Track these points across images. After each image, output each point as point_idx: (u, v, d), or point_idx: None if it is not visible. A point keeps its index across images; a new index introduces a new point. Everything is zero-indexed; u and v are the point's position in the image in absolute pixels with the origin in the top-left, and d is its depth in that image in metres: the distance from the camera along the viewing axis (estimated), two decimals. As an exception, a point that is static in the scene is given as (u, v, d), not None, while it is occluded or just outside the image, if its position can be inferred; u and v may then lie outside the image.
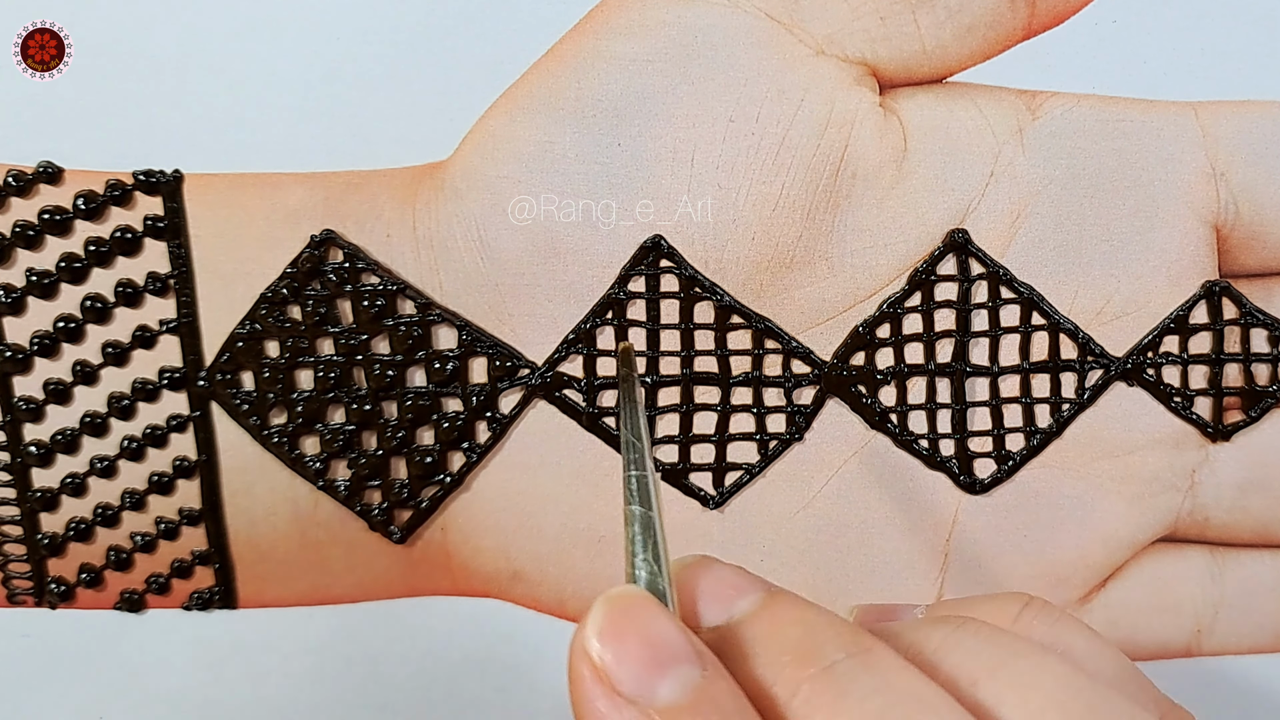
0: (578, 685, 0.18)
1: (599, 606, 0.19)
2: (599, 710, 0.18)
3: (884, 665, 0.19)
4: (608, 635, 0.18)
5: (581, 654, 0.18)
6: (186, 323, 0.28)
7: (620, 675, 0.18)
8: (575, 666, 0.18)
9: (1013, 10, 0.28)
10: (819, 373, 0.29)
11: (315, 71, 0.28)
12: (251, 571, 0.30)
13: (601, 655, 0.18)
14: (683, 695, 0.18)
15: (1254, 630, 0.31)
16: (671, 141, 0.28)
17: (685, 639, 0.19)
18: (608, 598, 0.19)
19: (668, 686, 0.18)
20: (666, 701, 0.18)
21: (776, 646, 0.19)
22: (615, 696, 0.18)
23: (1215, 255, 0.29)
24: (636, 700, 0.18)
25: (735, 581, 0.21)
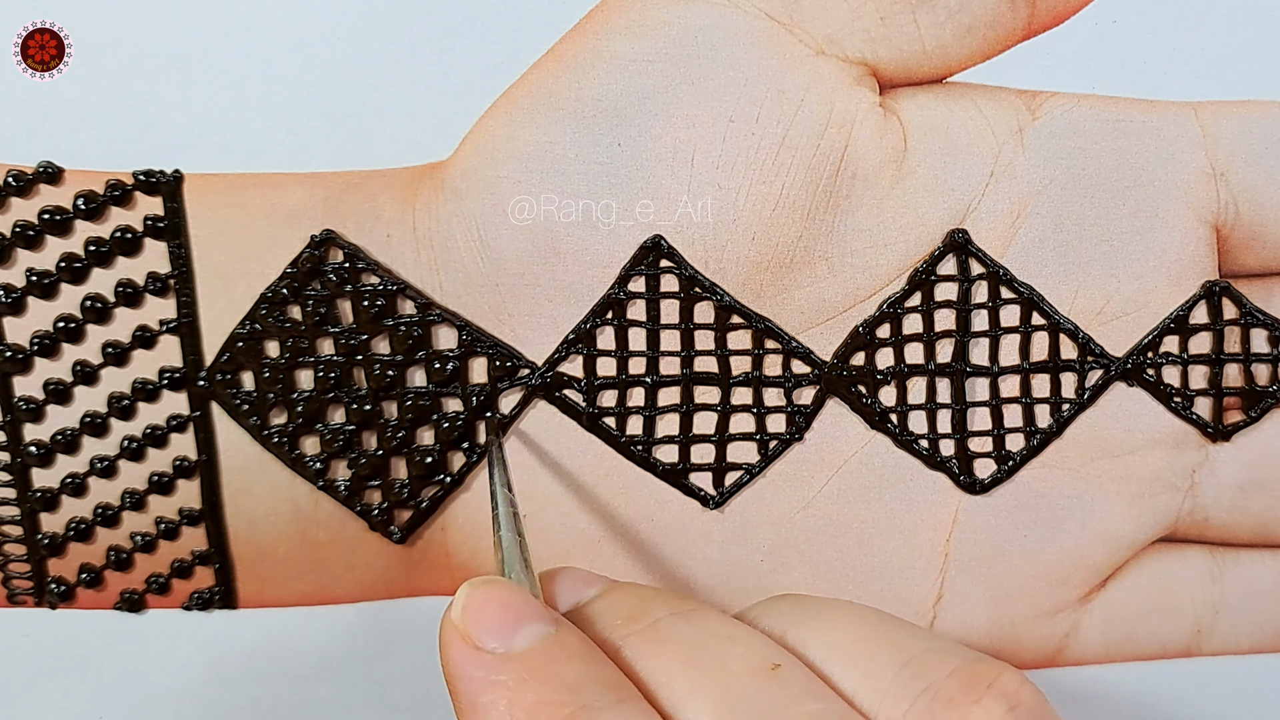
0: (445, 652, 0.21)
1: (462, 589, 0.22)
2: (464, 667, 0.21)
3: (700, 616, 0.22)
4: (469, 607, 0.21)
5: (449, 626, 0.21)
6: (186, 323, 0.28)
7: (480, 634, 0.21)
8: (444, 636, 0.21)
9: (1013, 10, 0.28)
10: (819, 373, 0.29)
11: (315, 71, 0.28)
12: (251, 571, 0.30)
13: (465, 622, 0.21)
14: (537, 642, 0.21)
15: (1254, 630, 0.31)
16: (671, 141, 0.28)
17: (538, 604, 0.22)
18: (470, 581, 0.22)
19: (523, 637, 0.21)
20: (522, 648, 0.21)
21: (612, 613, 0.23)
22: (477, 652, 0.21)
23: (1215, 255, 0.29)
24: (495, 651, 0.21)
25: (586, 578, 0.24)
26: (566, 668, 0.20)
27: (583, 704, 0.20)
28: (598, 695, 0.20)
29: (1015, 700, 0.20)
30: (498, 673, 0.20)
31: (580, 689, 0.20)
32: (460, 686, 0.21)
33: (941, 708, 0.20)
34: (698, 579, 0.30)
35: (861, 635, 0.22)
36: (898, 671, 0.21)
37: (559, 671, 0.20)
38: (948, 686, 0.20)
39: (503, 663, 0.20)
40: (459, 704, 0.21)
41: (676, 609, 0.22)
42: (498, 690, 0.20)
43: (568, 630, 0.21)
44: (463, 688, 0.21)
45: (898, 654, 0.21)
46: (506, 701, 0.20)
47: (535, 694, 0.20)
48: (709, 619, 0.22)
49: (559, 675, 0.20)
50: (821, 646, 0.22)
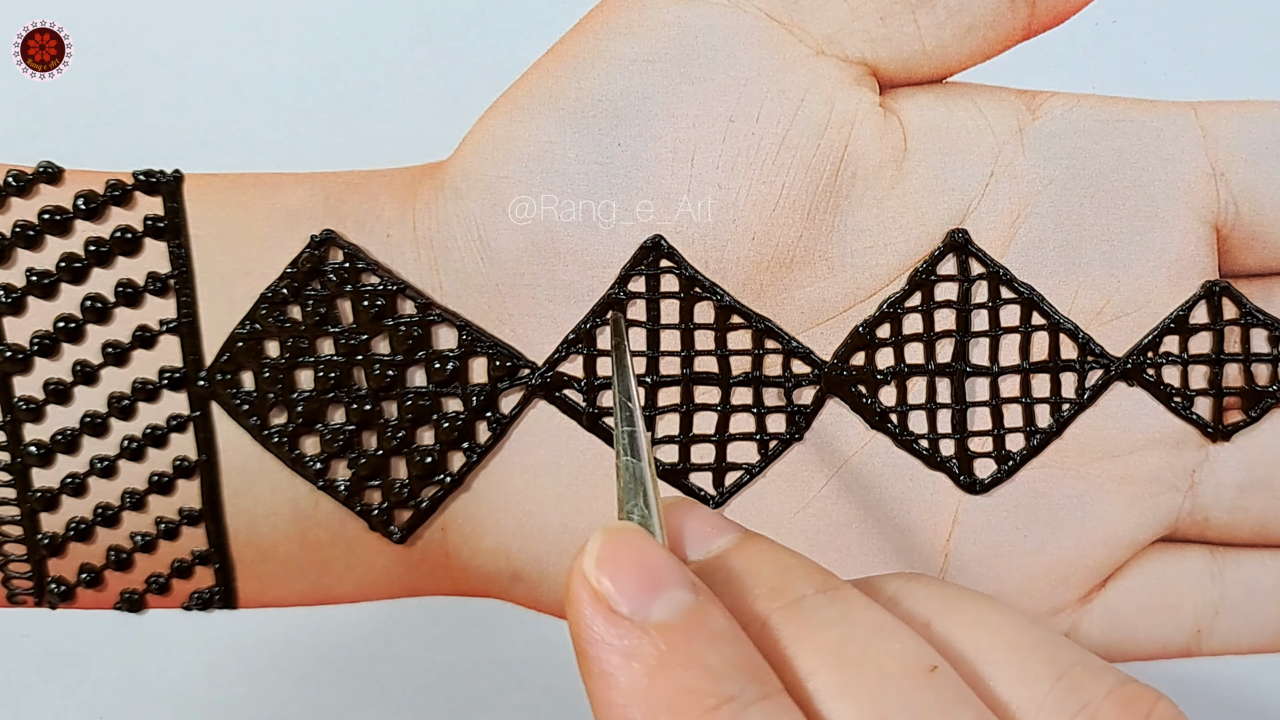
0: (576, 608, 0.19)
1: (596, 537, 0.20)
2: (596, 631, 0.19)
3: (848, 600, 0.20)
4: (605, 561, 0.19)
5: (580, 579, 0.19)
6: (186, 323, 0.28)
7: (617, 597, 0.19)
8: (574, 591, 0.19)
9: (1013, 10, 0.28)
10: (819, 373, 0.29)
11: (315, 71, 0.28)
12: (251, 571, 0.30)
13: (599, 579, 0.19)
14: (676, 615, 0.19)
15: (1254, 630, 0.31)
16: (671, 141, 0.28)
17: (678, 566, 0.20)
18: (604, 529, 0.20)
19: (661, 606, 0.19)
20: (661, 619, 0.19)
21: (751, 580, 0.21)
22: (613, 616, 0.19)
23: (1215, 255, 0.29)
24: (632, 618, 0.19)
25: (714, 522, 0.22)
26: (710, 650, 0.19)
27: (728, 695, 0.18)
28: (743, 687, 0.19)
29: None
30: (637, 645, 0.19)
31: (725, 677, 0.19)
32: (591, 651, 0.19)
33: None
34: (698, 579, 0.30)
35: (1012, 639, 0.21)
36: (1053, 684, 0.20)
37: (702, 654, 0.19)
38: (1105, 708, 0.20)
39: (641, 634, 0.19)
40: (588, 669, 0.19)
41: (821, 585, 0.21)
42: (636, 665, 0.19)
43: (709, 602, 0.20)
44: (594, 653, 0.19)
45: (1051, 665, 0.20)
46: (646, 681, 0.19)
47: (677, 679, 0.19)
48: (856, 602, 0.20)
49: (702, 658, 0.19)
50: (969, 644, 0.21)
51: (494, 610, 0.30)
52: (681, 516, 0.22)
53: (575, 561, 0.20)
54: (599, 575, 0.19)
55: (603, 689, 0.19)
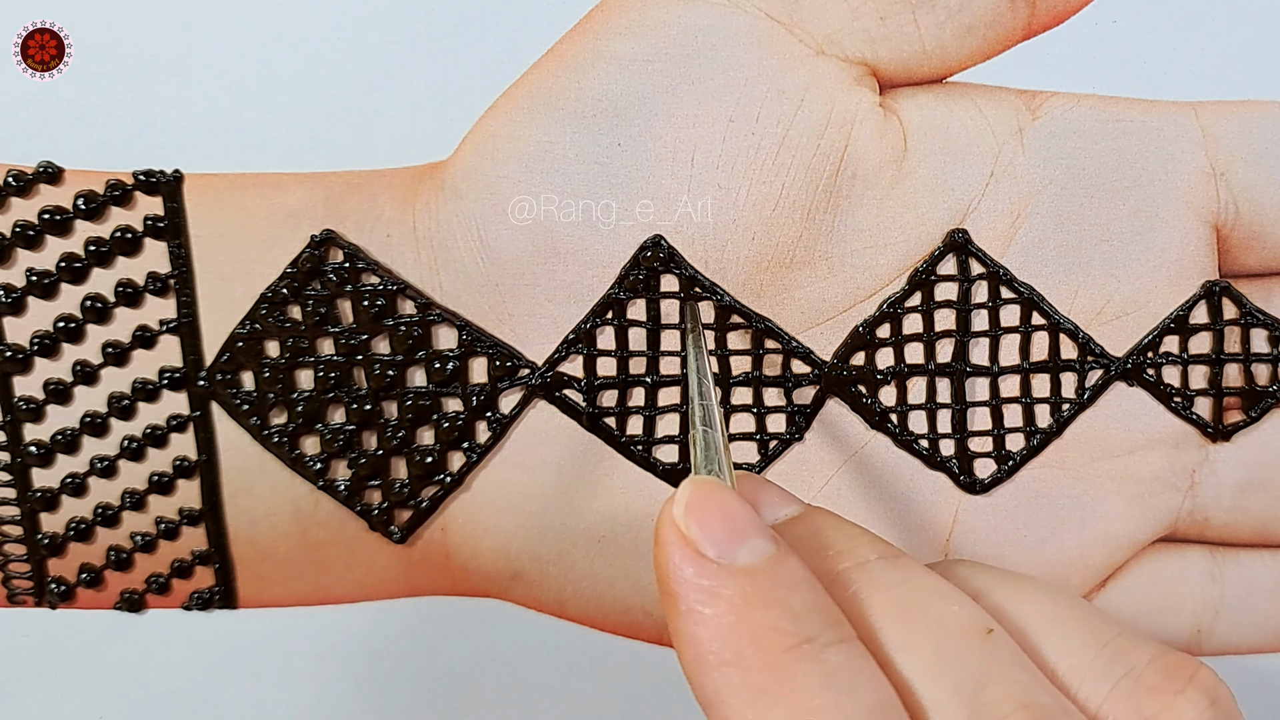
0: (665, 550, 0.20)
1: (685, 486, 0.21)
2: (685, 574, 0.20)
3: (909, 566, 0.22)
4: (694, 509, 0.21)
5: (670, 524, 0.21)
6: (186, 323, 0.28)
7: (704, 541, 0.20)
8: (664, 534, 0.21)
9: (1013, 10, 0.28)
10: (819, 373, 0.29)
11: (315, 71, 0.28)
12: (251, 571, 0.30)
13: (688, 525, 0.20)
14: (760, 560, 0.20)
15: (1254, 630, 0.31)
16: (671, 141, 0.28)
17: (758, 519, 0.21)
18: (692, 480, 0.21)
19: (746, 553, 0.20)
20: (746, 564, 0.20)
21: (818, 543, 0.22)
22: (701, 558, 0.20)
23: (1215, 255, 0.29)
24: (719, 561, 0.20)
25: (782, 494, 0.24)
26: (792, 594, 0.20)
27: (808, 636, 0.19)
28: (822, 630, 0.20)
29: (1215, 695, 0.21)
30: (723, 585, 0.20)
31: (804, 619, 0.20)
32: (679, 590, 0.20)
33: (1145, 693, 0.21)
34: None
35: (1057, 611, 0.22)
36: (1098, 651, 0.21)
37: (784, 597, 0.20)
38: (1150, 673, 0.21)
39: (728, 575, 0.20)
40: (676, 609, 0.20)
41: (884, 552, 0.22)
42: (722, 604, 0.20)
43: (788, 553, 0.21)
44: (683, 593, 0.20)
45: (1094, 634, 0.22)
46: (733, 618, 0.20)
47: (762, 617, 0.20)
48: (916, 568, 0.22)
49: (784, 601, 0.20)
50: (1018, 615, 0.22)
51: (494, 610, 0.30)
52: (753, 487, 0.24)
53: (665, 509, 0.21)
54: (688, 521, 0.20)
55: (689, 626, 0.20)
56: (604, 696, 0.31)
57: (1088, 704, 0.21)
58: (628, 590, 0.30)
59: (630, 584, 0.30)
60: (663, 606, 0.21)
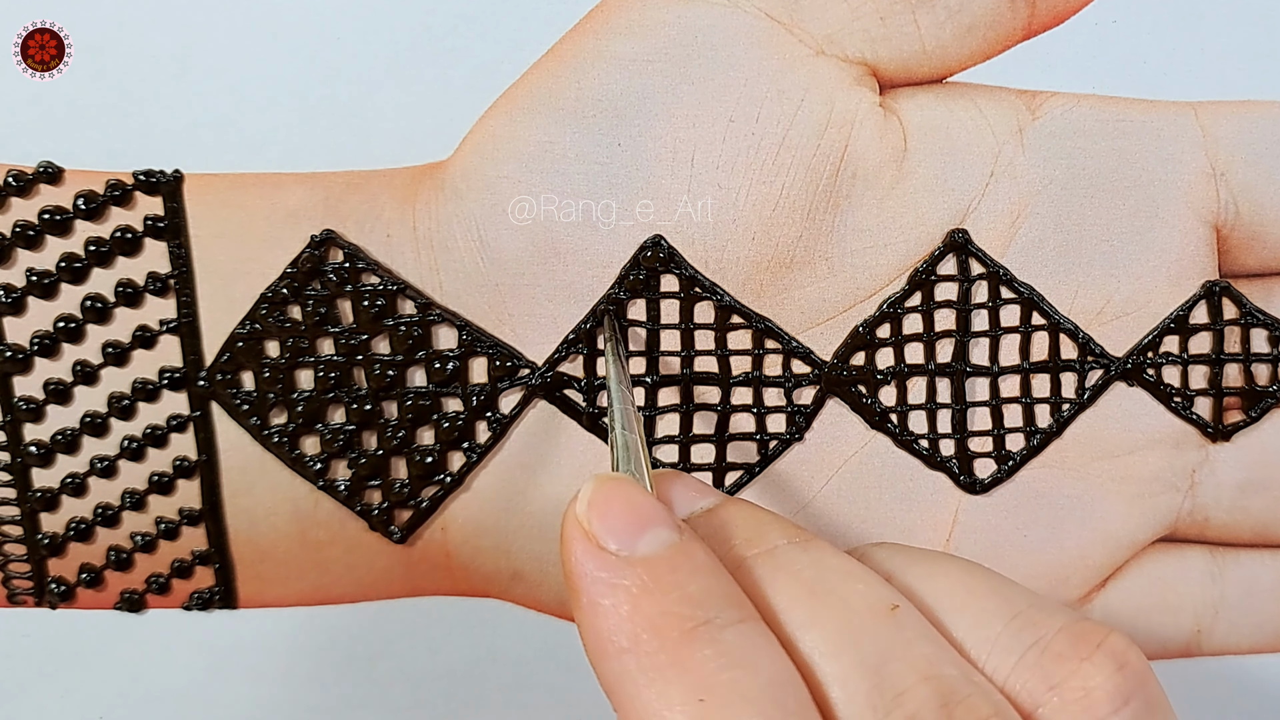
0: (567, 547, 0.21)
1: (588, 483, 0.21)
2: (586, 567, 0.20)
3: (819, 549, 0.22)
4: (595, 504, 0.21)
5: (572, 521, 0.21)
6: (186, 323, 0.28)
7: (604, 534, 0.21)
8: (566, 530, 0.21)
9: (1013, 10, 0.28)
10: (819, 373, 0.29)
11: (315, 71, 0.28)
12: (251, 571, 0.30)
13: (589, 520, 0.21)
14: (661, 549, 0.21)
15: (1254, 630, 0.31)
16: (671, 141, 0.28)
17: (662, 509, 0.21)
18: (595, 476, 0.22)
19: (647, 542, 0.21)
20: (646, 553, 0.20)
21: (729, 532, 0.22)
22: (600, 552, 0.20)
23: (1215, 255, 0.29)
24: (619, 553, 0.20)
25: (698, 487, 0.24)
26: (690, 579, 0.20)
27: (706, 619, 0.20)
28: (721, 611, 0.20)
29: (1123, 660, 0.21)
30: (621, 576, 0.20)
31: (703, 603, 0.20)
32: (581, 585, 0.20)
33: (1051, 661, 0.21)
34: (698, 579, 0.30)
35: (969, 585, 0.22)
36: (1006, 623, 0.21)
37: (683, 582, 0.20)
38: (1057, 642, 0.21)
39: (626, 566, 0.20)
40: (578, 602, 0.20)
41: (793, 538, 0.22)
42: (620, 594, 0.20)
43: (691, 540, 0.21)
44: (583, 586, 0.20)
45: (1005, 606, 0.22)
46: (629, 608, 0.20)
47: (658, 604, 0.20)
48: (825, 552, 0.22)
49: (682, 586, 0.20)
50: (929, 592, 0.22)
51: (494, 610, 0.30)
52: (669, 483, 0.24)
53: (569, 506, 0.21)
54: (589, 515, 0.21)
55: (590, 619, 0.20)
56: (604, 696, 0.31)
57: (995, 675, 0.21)
58: (628, 590, 0.30)
59: (630, 584, 0.30)
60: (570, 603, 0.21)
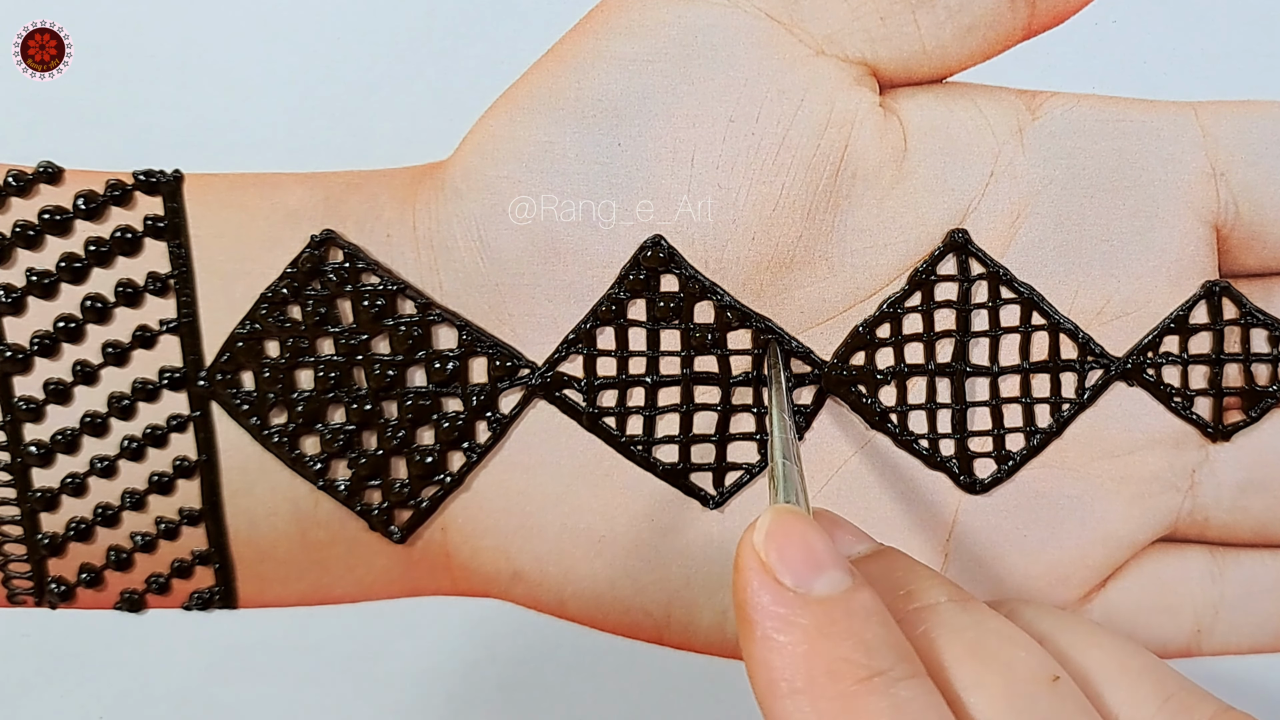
0: (744, 576, 0.21)
1: (767, 514, 0.22)
2: (762, 600, 0.20)
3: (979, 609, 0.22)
4: (774, 536, 0.21)
5: (750, 551, 0.21)
6: (186, 323, 0.28)
7: (782, 569, 0.21)
8: (743, 560, 0.21)
9: (1013, 10, 0.28)
10: (819, 373, 0.29)
11: (315, 71, 0.28)
12: (251, 571, 0.30)
13: (767, 552, 0.21)
14: (836, 591, 0.21)
15: (1254, 630, 0.31)
16: (671, 141, 0.28)
17: (837, 551, 0.22)
18: (774, 508, 0.22)
19: (823, 583, 0.21)
20: (822, 593, 0.21)
21: (891, 582, 0.23)
22: (778, 587, 0.21)
23: (1215, 255, 0.29)
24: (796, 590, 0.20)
25: (854, 532, 0.25)
26: (865, 627, 0.20)
27: (880, 669, 0.20)
28: (894, 664, 0.20)
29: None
30: (799, 614, 0.20)
31: (877, 652, 0.20)
32: (756, 617, 0.20)
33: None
34: (697, 579, 0.30)
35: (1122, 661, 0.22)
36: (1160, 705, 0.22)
37: (858, 629, 0.20)
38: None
39: (803, 605, 0.20)
40: (750, 634, 0.20)
41: (953, 595, 0.23)
42: (797, 633, 0.20)
43: (864, 586, 0.21)
44: (759, 619, 0.20)
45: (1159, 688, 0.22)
46: (807, 648, 0.20)
47: (836, 647, 0.20)
48: (985, 613, 0.22)
49: (858, 633, 0.20)
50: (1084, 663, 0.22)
51: (494, 610, 0.30)
52: (828, 524, 0.24)
53: (745, 535, 0.21)
54: (767, 548, 0.21)
55: (763, 653, 0.20)
56: (604, 696, 0.31)
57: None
58: (628, 590, 0.30)
59: (630, 584, 0.30)
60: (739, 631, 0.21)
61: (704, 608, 0.30)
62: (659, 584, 0.30)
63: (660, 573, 0.30)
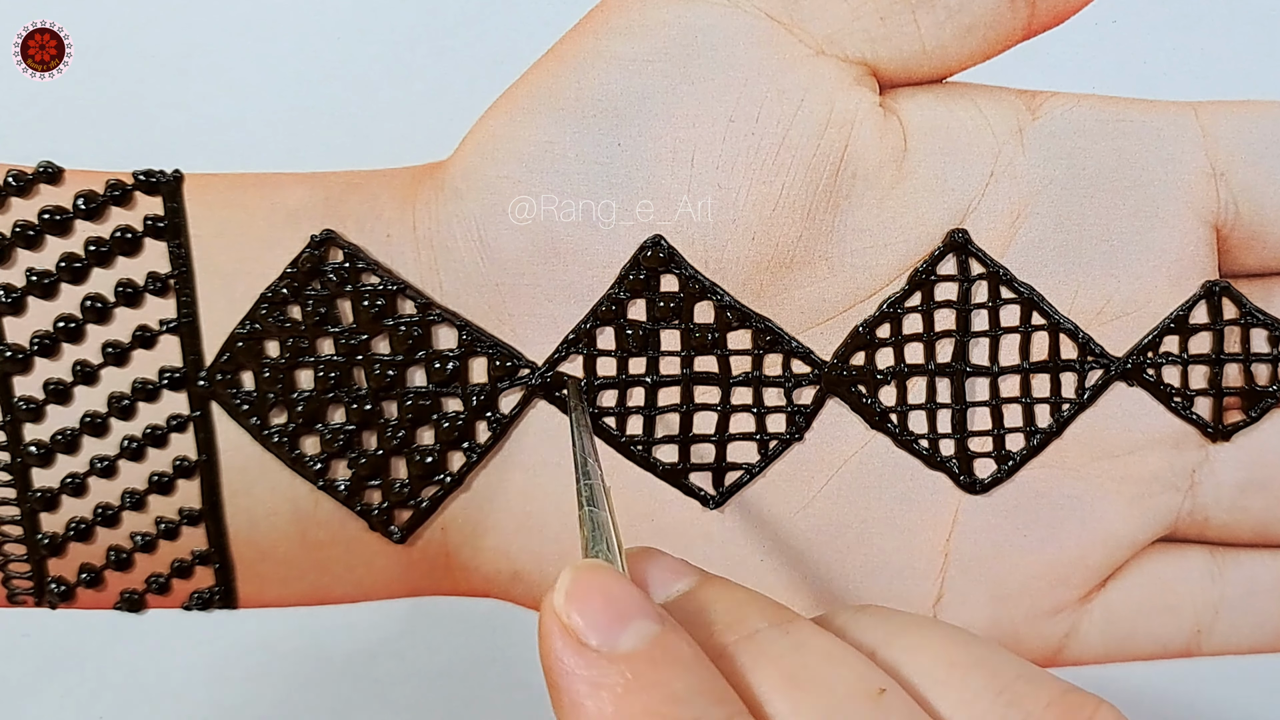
0: (547, 641, 0.20)
1: (565, 573, 0.21)
2: (566, 663, 0.20)
3: (800, 631, 0.22)
4: (574, 596, 0.20)
5: (550, 613, 0.20)
6: (186, 323, 0.28)
7: (585, 629, 0.20)
8: (545, 625, 0.20)
9: (1013, 10, 0.28)
10: (819, 373, 0.29)
11: (315, 71, 0.28)
12: (251, 571, 0.30)
13: (568, 613, 0.20)
14: (643, 644, 0.20)
15: (1254, 630, 0.31)
16: (671, 141, 0.28)
17: (644, 599, 0.21)
18: (573, 565, 0.21)
19: (629, 637, 0.20)
20: (628, 649, 0.20)
21: (709, 617, 0.22)
22: (582, 648, 0.20)
23: (1215, 255, 0.29)
24: (600, 650, 0.20)
25: (674, 567, 0.23)
26: (675, 676, 0.20)
27: (693, 717, 0.19)
28: (706, 709, 0.20)
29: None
30: (604, 675, 0.20)
31: (689, 701, 0.19)
32: (563, 683, 0.20)
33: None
34: (698, 579, 0.30)
35: (953, 658, 0.22)
36: (993, 699, 0.21)
37: (667, 680, 0.20)
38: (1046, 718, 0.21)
39: (608, 664, 0.20)
40: (559, 700, 0.20)
41: (774, 619, 0.22)
42: (603, 694, 0.19)
43: (673, 631, 0.21)
44: (565, 685, 0.20)
45: (991, 680, 0.21)
46: (613, 709, 0.19)
47: (643, 702, 0.19)
48: (807, 633, 0.22)
49: (667, 684, 0.20)
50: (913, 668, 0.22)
51: (494, 610, 0.30)
52: (644, 563, 0.23)
53: (545, 598, 0.21)
54: (568, 609, 0.20)
55: (573, 717, 0.20)
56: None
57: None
58: (627, 590, 0.30)
59: (630, 584, 0.30)
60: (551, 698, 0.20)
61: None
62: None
63: (660, 573, 0.30)
